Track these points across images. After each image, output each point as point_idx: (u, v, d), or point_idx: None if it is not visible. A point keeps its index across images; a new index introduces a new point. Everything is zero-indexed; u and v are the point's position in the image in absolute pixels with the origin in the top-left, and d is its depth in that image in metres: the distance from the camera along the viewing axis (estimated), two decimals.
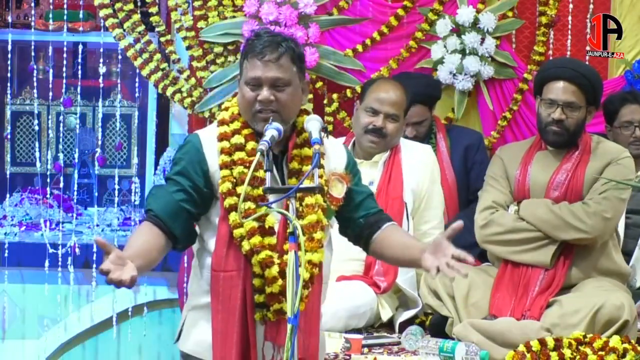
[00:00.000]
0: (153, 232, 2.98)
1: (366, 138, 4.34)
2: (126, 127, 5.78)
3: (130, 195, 5.62)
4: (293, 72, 3.02)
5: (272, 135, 2.89)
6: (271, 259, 2.95)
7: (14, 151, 5.75)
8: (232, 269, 2.99)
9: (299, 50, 3.06)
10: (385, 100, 4.34)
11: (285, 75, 3.00)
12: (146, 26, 5.26)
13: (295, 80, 3.03)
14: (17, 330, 5.43)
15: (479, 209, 4.37)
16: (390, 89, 4.38)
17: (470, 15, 5.15)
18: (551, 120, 4.22)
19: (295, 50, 3.03)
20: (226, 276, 2.99)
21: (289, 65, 3.01)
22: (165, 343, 5.48)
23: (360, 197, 3.14)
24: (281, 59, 3.00)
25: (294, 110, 3.03)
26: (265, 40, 3.02)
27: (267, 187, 2.85)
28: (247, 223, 2.95)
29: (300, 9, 5.00)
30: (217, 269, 3.00)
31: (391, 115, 4.33)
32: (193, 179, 3.01)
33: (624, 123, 4.90)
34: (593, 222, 4.14)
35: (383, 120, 4.32)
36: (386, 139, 4.35)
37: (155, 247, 2.97)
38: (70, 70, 5.76)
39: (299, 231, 2.75)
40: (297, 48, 3.05)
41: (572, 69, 4.25)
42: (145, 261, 2.90)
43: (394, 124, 4.35)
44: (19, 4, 5.88)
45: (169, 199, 3.01)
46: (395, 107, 4.34)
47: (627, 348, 3.80)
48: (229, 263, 2.99)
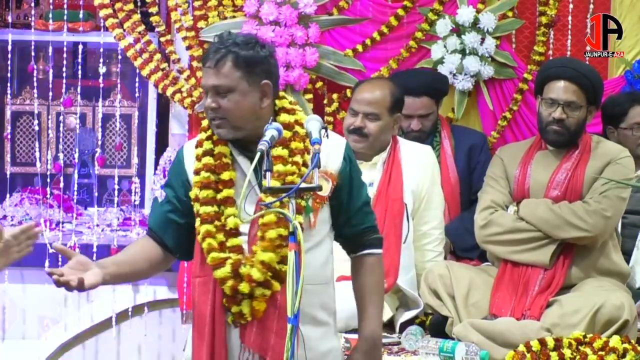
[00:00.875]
0: (146, 244, 3.13)
1: (350, 138, 4.34)
2: (126, 127, 5.78)
3: (130, 195, 5.62)
4: (236, 78, 2.95)
5: (272, 135, 2.88)
6: (221, 260, 2.96)
7: (14, 151, 5.75)
8: (205, 274, 3.03)
9: (247, 53, 2.95)
10: (363, 100, 4.33)
11: (225, 82, 2.95)
12: (146, 26, 5.26)
13: (240, 85, 2.95)
14: (17, 330, 5.42)
15: (478, 209, 4.37)
16: (369, 89, 4.37)
17: (470, 15, 5.15)
18: (552, 119, 4.23)
19: (240, 54, 2.95)
20: (200, 281, 3.04)
21: (230, 71, 2.95)
22: (165, 343, 5.48)
23: (348, 214, 3.10)
24: (219, 65, 2.95)
25: (244, 115, 2.97)
26: (211, 46, 3.02)
27: (267, 187, 2.85)
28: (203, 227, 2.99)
29: (300, 9, 5.01)
30: (194, 275, 3.07)
31: (369, 114, 4.31)
32: (175, 190, 3.11)
33: (634, 125, 4.87)
34: (593, 220, 4.15)
35: (362, 120, 4.31)
36: (368, 138, 4.32)
37: (144, 257, 3.11)
38: (70, 70, 5.75)
39: (298, 231, 2.75)
40: (243, 51, 2.95)
41: (573, 68, 4.26)
42: (123, 269, 3.06)
43: (375, 122, 4.32)
44: (19, 4, 5.88)
45: (159, 211, 3.14)
46: (373, 106, 4.31)
47: (627, 348, 3.80)
48: (202, 268, 3.04)
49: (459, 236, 4.67)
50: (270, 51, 3.04)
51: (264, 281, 2.94)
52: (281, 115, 3.05)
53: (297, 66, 5.01)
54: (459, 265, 4.35)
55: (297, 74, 5.00)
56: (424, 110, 4.76)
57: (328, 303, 3.12)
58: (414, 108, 4.71)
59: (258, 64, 2.98)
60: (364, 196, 3.14)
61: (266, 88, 3.00)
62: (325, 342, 3.11)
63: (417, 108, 4.71)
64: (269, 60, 3.02)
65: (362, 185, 3.15)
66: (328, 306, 3.12)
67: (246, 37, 3.03)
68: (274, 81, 3.04)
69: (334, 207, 3.09)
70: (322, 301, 3.09)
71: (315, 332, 3.05)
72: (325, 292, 3.10)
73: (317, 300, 3.06)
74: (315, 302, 3.04)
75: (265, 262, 2.94)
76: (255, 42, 3.00)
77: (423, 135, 4.77)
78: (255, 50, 2.98)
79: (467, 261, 4.56)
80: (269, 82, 2.99)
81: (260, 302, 2.95)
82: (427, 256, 4.40)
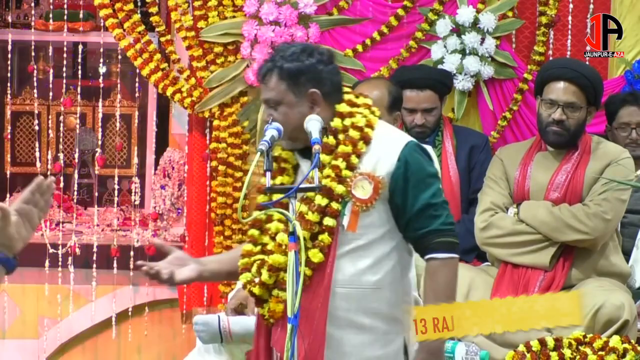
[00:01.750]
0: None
1: None
2: (126, 127, 5.78)
3: (130, 195, 5.62)
4: (282, 90, 2.97)
5: (272, 135, 2.89)
6: (248, 266, 3.02)
7: (14, 151, 5.75)
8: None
9: (291, 65, 2.97)
10: None
11: (272, 95, 2.99)
12: (146, 26, 5.26)
13: (287, 97, 2.97)
14: (17, 330, 5.43)
15: (478, 211, 4.37)
16: (367, 90, 4.27)
17: (470, 15, 5.15)
18: (552, 120, 4.22)
19: (284, 67, 2.96)
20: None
21: (275, 85, 2.98)
22: (165, 343, 5.48)
23: (406, 217, 3.00)
24: (266, 80, 3.00)
25: (296, 125, 2.97)
26: (263, 61, 3.08)
27: (267, 187, 2.86)
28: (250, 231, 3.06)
29: (300, 9, 5.00)
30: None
31: None
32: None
33: (622, 124, 4.89)
34: (593, 223, 4.14)
35: None
36: None
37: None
38: (70, 70, 5.76)
39: (298, 231, 2.76)
40: (287, 64, 2.97)
41: (573, 69, 4.25)
42: (224, 266, 3.13)
43: None
44: (19, 4, 5.88)
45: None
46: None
47: (627, 348, 3.80)
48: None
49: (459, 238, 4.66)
50: (321, 58, 3.02)
51: (275, 282, 2.95)
52: (334, 120, 3.02)
53: None
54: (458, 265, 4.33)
55: None
56: (428, 104, 4.76)
57: (376, 308, 3.01)
58: (417, 101, 4.71)
59: (303, 74, 2.98)
60: (425, 199, 2.99)
61: (315, 96, 2.98)
62: (370, 349, 3.02)
63: (420, 101, 4.72)
64: (315, 67, 3.00)
65: (423, 188, 2.99)
66: (376, 311, 3.02)
67: (297, 47, 3.05)
68: (325, 88, 3.01)
69: (394, 211, 3.01)
70: (366, 306, 3.00)
71: (356, 338, 2.99)
72: (371, 296, 3.00)
73: (355, 305, 2.98)
74: (352, 307, 2.97)
75: (274, 266, 2.95)
76: (301, 51, 3.01)
77: (426, 131, 4.77)
78: (299, 60, 2.99)
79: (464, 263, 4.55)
80: (316, 91, 2.98)
81: (276, 304, 2.94)
82: None
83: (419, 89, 4.73)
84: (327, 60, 3.03)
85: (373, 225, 3.00)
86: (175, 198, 5.54)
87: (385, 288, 3.01)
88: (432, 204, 2.99)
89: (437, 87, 4.79)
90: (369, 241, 2.99)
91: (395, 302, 3.03)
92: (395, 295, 3.03)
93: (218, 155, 5.13)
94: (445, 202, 3.03)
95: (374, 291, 3.00)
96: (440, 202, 3.01)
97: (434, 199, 3.00)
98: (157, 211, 5.52)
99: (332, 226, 2.91)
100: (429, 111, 4.77)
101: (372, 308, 3.00)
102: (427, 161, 3.04)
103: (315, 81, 2.99)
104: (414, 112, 4.74)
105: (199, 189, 5.23)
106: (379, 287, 3.00)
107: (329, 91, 3.01)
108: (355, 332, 2.99)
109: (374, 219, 2.99)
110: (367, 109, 3.06)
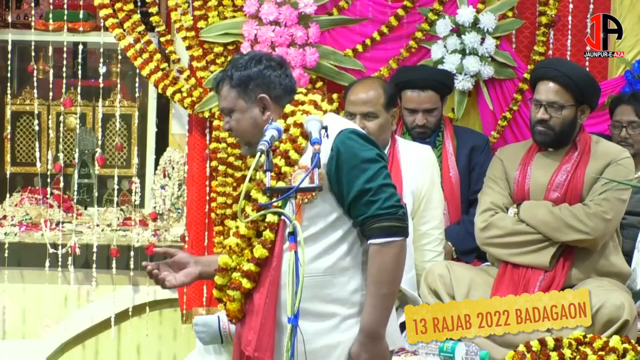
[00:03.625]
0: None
1: None
2: (126, 127, 5.78)
3: (130, 195, 5.62)
4: (233, 98, 3.12)
5: (272, 135, 2.92)
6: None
7: (14, 151, 5.75)
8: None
9: (239, 72, 3.10)
10: (358, 100, 4.34)
11: (226, 104, 3.15)
12: (146, 26, 5.26)
13: (238, 104, 3.12)
14: (17, 330, 5.43)
15: (478, 211, 4.37)
16: (363, 89, 4.38)
17: (470, 15, 5.15)
18: (537, 120, 4.24)
19: (233, 75, 3.11)
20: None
21: (227, 93, 3.13)
22: (165, 343, 5.48)
23: (345, 205, 3.03)
24: (219, 89, 3.16)
25: (249, 130, 3.12)
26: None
27: (267, 187, 2.88)
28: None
29: (300, 9, 5.00)
30: None
31: (367, 113, 4.32)
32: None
33: (615, 122, 4.93)
34: (594, 223, 4.14)
35: (360, 121, 4.31)
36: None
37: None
38: (70, 70, 5.75)
39: (298, 231, 2.78)
40: (237, 72, 3.11)
41: (555, 68, 4.25)
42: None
43: (373, 121, 4.32)
44: (19, 4, 5.88)
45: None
46: (368, 105, 4.32)
47: (627, 348, 3.80)
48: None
49: (460, 239, 4.67)
50: (269, 64, 3.12)
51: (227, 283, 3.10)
52: (278, 121, 3.10)
53: (297, 66, 5.01)
54: (459, 265, 4.34)
55: (297, 74, 5.00)
56: (429, 104, 4.76)
57: (333, 294, 3.03)
58: (418, 102, 4.72)
59: (252, 80, 3.11)
60: (360, 184, 2.99)
61: (265, 101, 3.11)
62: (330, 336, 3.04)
63: (422, 102, 4.73)
64: (263, 73, 3.11)
65: (357, 174, 2.99)
66: (334, 298, 3.04)
67: (246, 56, 3.16)
68: (274, 92, 3.11)
69: (337, 199, 3.04)
70: (321, 293, 3.02)
71: (313, 326, 3.00)
72: (325, 283, 3.02)
73: (310, 293, 2.97)
74: (307, 295, 2.94)
75: (222, 267, 3.10)
76: (250, 60, 3.13)
77: (427, 132, 4.78)
78: (248, 67, 3.11)
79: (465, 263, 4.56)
80: (264, 96, 3.10)
81: (231, 303, 3.08)
82: (427, 256, 4.40)
83: (420, 89, 4.74)
84: (276, 65, 3.14)
85: (320, 215, 3.03)
86: (175, 198, 5.54)
87: (341, 273, 3.04)
88: (367, 189, 2.99)
89: (438, 87, 4.79)
90: (318, 230, 3.03)
91: (355, 287, 3.06)
92: (353, 280, 3.06)
93: (218, 155, 5.13)
94: (384, 185, 3.00)
95: (328, 277, 3.03)
96: (377, 186, 3.00)
97: (369, 184, 2.99)
98: (157, 211, 5.53)
99: (274, 222, 3.01)
100: (430, 111, 4.77)
101: (328, 295, 3.03)
102: (363, 146, 3.03)
103: (264, 86, 3.12)
104: (415, 112, 4.75)
105: (199, 189, 5.23)
106: (331, 273, 3.04)
107: (279, 95, 3.12)
108: (312, 320, 3.01)
109: (320, 209, 3.03)
110: (311, 105, 3.11)
